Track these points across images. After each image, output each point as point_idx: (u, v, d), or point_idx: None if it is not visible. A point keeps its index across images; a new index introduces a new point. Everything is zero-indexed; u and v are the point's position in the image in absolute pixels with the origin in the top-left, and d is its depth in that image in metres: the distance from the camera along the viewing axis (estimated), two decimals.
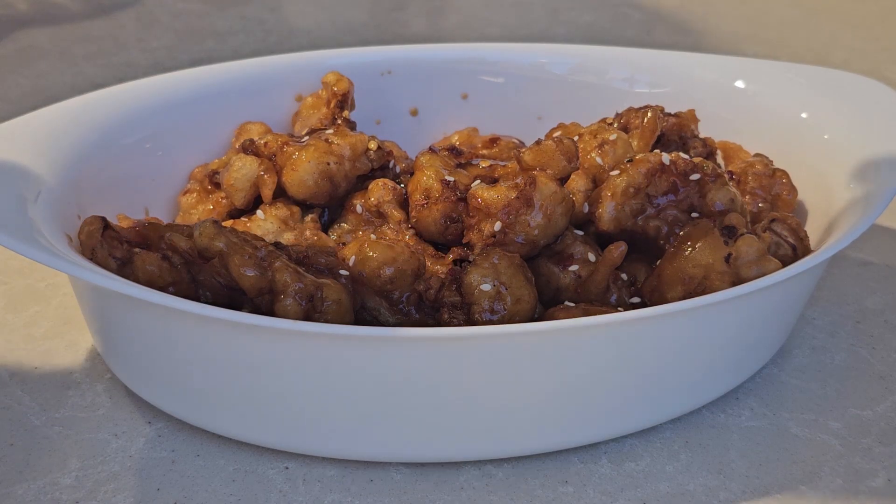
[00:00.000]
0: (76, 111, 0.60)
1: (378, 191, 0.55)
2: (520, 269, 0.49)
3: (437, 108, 0.73)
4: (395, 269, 0.49)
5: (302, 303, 0.46)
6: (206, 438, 0.50)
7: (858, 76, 0.66)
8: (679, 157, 0.55)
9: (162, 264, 0.49)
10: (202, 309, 0.43)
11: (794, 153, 0.62)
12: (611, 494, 0.47)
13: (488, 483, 0.47)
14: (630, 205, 0.53)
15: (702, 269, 0.49)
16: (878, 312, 0.61)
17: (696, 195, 0.54)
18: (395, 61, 0.72)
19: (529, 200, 0.51)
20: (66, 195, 0.54)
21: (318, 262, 0.49)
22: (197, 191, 0.62)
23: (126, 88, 0.64)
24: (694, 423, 0.51)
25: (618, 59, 0.72)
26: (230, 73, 0.68)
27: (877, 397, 0.53)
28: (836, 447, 0.50)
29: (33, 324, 0.60)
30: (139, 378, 0.51)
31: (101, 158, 0.59)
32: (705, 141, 0.64)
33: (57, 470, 0.48)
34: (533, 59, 0.73)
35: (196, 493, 0.47)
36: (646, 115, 0.61)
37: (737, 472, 0.48)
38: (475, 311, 0.48)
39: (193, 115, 0.65)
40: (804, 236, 0.54)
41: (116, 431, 0.51)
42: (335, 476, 0.48)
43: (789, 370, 0.56)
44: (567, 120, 0.61)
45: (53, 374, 0.55)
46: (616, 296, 0.52)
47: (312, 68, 0.69)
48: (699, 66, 0.70)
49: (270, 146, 0.57)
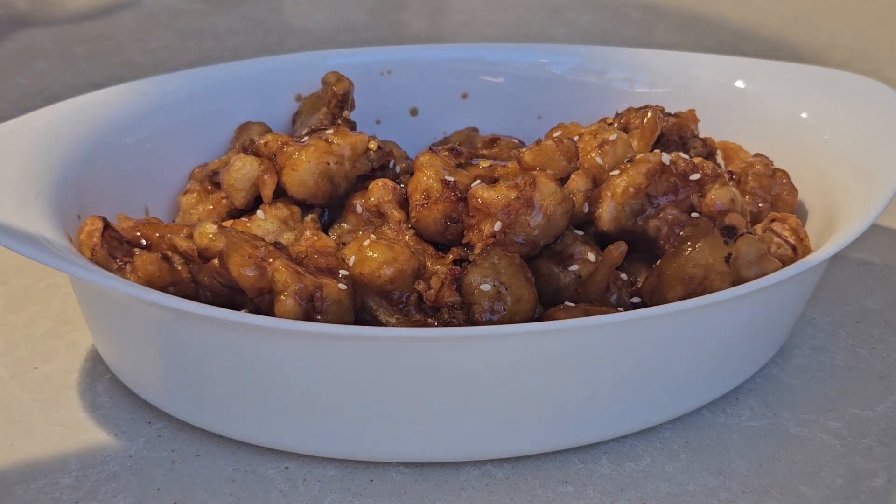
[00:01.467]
0: (76, 111, 0.60)
1: (378, 191, 0.55)
2: (520, 269, 0.49)
3: (437, 108, 0.73)
4: (395, 269, 0.49)
5: (302, 303, 0.46)
6: (206, 438, 0.50)
7: (858, 76, 0.66)
8: (679, 157, 0.55)
9: (162, 264, 0.49)
10: (202, 309, 0.43)
11: (794, 153, 0.62)
12: (611, 494, 0.47)
13: (488, 483, 0.47)
14: (630, 205, 0.53)
15: (702, 269, 0.49)
16: (878, 312, 0.61)
17: (696, 195, 0.54)
18: (395, 61, 0.72)
19: (529, 200, 0.51)
20: (66, 195, 0.54)
21: (318, 262, 0.49)
22: (197, 191, 0.62)
23: (126, 88, 0.64)
24: (694, 423, 0.51)
25: (618, 59, 0.72)
26: (230, 73, 0.68)
27: (877, 397, 0.53)
28: (836, 447, 0.50)
29: (33, 324, 0.60)
30: (139, 378, 0.51)
31: (101, 158, 0.59)
32: (705, 141, 0.64)
33: (57, 470, 0.48)
34: (533, 59, 0.73)
35: (196, 493, 0.47)
36: (646, 115, 0.61)
37: (737, 472, 0.48)
38: (475, 311, 0.48)
39: (193, 115, 0.65)
40: (804, 236, 0.54)
41: (116, 431, 0.51)
42: (335, 476, 0.48)
43: (789, 370, 0.56)
44: (567, 120, 0.61)
45: (53, 374, 0.55)
46: (616, 296, 0.52)
47: (312, 68, 0.69)
48: (699, 66, 0.70)
49: (270, 146, 0.57)
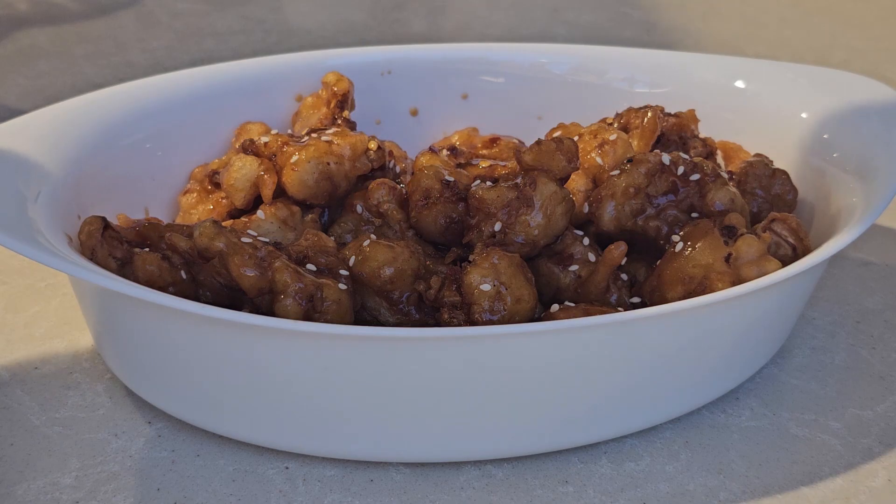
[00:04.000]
0: (76, 111, 0.60)
1: (378, 191, 0.55)
2: (520, 269, 0.49)
3: (437, 108, 0.73)
4: (395, 269, 0.49)
5: (302, 303, 0.46)
6: (206, 438, 0.50)
7: (858, 76, 0.66)
8: (679, 157, 0.55)
9: (162, 264, 0.49)
10: (202, 309, 0.43)
11: (794, 153, 0.62)
12: (611, 494, 0.47)
13: (488, 483, 0.47)
14: (630, 205, 0.53)
15: (702, 269, 0.49)
16: (878, 312, 0.61)
17: (696, 195, 0.54)
18: (395, 61, 0.72)
19: (529, 200, 0.51)
20: (66, 195, 0.54)
21: (318, 262, 0.49)
22: (197, 191, 0.62)
23: (126, 88, 0.64)
24: (694, 423, 0.51)
25: (618, 59, 0.72)
26: (230, 73, 0.68)
27: (877, 397, 0.53)
28: (836, 447, 0.50)
29: (33, 324, 0.60)
30: (139, 378, 0.51)
31: (101, 158, 0.59)
32: (705, 141, 0.64)
33: (57, 470, 0.48)
34: (533, 59, 0.73)
35: (196, 493, 0.47)
36: (646, 115, 0.61)
37: (737, 472, 0.48)
38: (475, 311, 0.48)
39: (193, 115, 0.65)
40: (804, 236, 0.54)
41: (116, 431, 0.51)
42: (335, 476, 0.48)
43: (789, 370, 0.56)
44: (567, 120, 0.61)
45: (53, 374, 0.55)
46: (616, 296, 0.52)
47: (312, 68, 0.69)
48: (699, 66, 0.70)
49: (270, 146, 0.57)
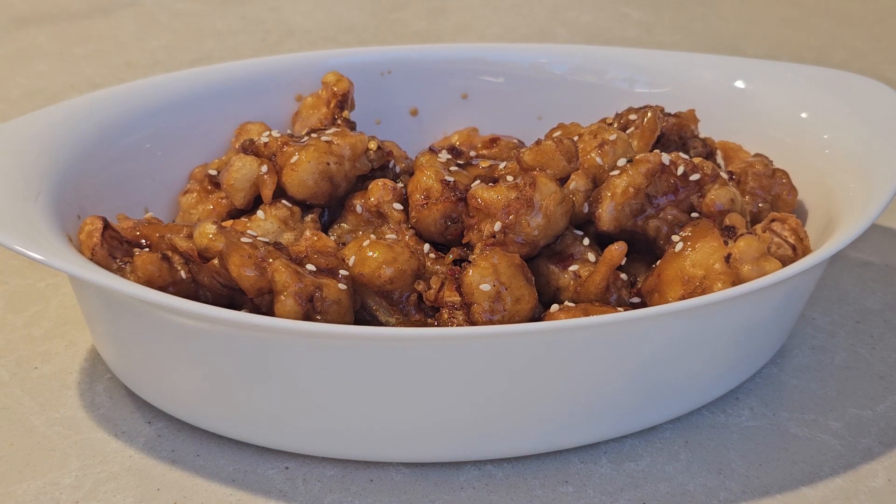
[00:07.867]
0: (76, 111, 0.60)
1: (378, 191, 0.55)
2: (520, 269, 0.49)
3: (437, 108, 0.73)
4: (395, 269, 0.49)
5: (302, 303, 0.46)
6: (206, 438, 0.50)
7: (858, 76, 0.66)
8: (679, 157, 0.55)
9: (162, 264, 0.49)
10: (202, 309, 0.43)
11: (794, 153, 0.62)
12: (611, 494, 0.47)
13: (488, 483, 0.47)
14: (630, 205, 0.53)
15: (702, 269, 0.49)
16: (878, 312, 0.61)
17: (696, 195, 0.54)
18: (395, 61, 0.72)
19: (529, 201, 0.51)
20: (66, 195, 0.54)
21: (318, 262, 0.49)
22: (197, 191, 0.62)
23: (126, 88, 0.64)
24: (694, 423, 0.51)
25: (618, 59, 0.72)
26: (230, 73, 0.68)
27: (877, 397, 0.53)
28: (836, 447, 0.50)
29: (33, 324, 0.60)
30: (139, 378, 0.51)
31: (101, 158, 0.59)
32: (705, 141, 0.64)
33: (57, 470, 0.48)
34: (533, 59, 0.73)
35: (196, 493, 0.47)
36: (646, 115, 0.61)
37: (737, 472, 0.48)
38: (475, 311, 0.48)
39: (193, 115, 0.65)
40: (804, 236, 0.54)
41: (116, 431, 0.51)
42: (335, 476, 0.48)
43: (789, 370, 0.56)
44: (567, 120, 0.61)
45: (53, 374, 0.55)
46: (616, 296, 0.52)
47: (312, 68, 0.69)
48: (699, 66, 0.70)
49: (270, 146, 0.57)
